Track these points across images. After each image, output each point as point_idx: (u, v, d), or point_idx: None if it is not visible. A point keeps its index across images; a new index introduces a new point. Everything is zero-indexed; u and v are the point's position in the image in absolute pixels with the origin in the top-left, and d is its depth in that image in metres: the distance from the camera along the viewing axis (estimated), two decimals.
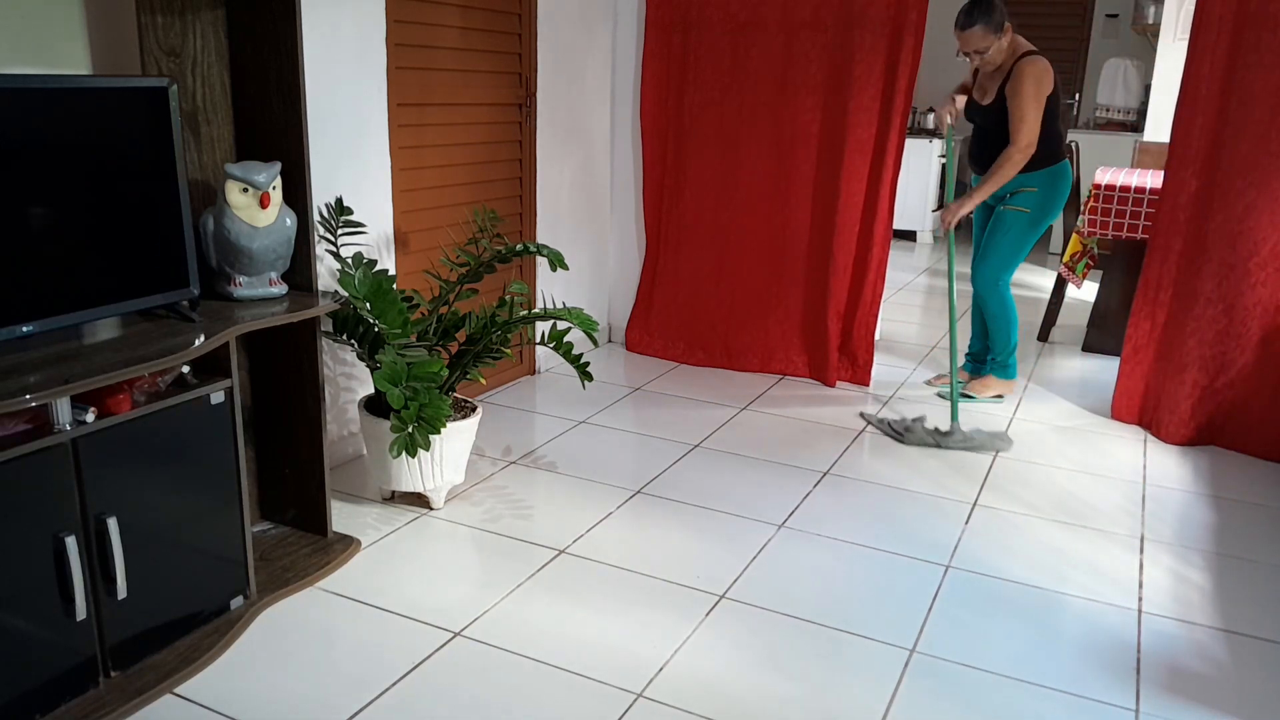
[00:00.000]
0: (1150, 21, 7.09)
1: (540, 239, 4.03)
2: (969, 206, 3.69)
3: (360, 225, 2.71)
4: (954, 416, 3.55)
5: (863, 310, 4.04)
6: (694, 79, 4.08)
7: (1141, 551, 2.78)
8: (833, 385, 4.11)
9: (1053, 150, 3.64)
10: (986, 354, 4.05)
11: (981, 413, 3.84)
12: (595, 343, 3.35)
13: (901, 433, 3.53)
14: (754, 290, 4.19)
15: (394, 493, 2.95)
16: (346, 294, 2.54)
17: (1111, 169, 5.10)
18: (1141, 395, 3.71)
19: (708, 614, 2.38)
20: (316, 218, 2.58)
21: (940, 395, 4.05)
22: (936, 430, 3.52)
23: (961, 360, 4.21)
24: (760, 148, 4.04)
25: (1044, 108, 3.53)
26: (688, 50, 4.07)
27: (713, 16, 3.99)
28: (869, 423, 3.68)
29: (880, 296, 4.05)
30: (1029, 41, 3.62)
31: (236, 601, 2.30)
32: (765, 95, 3.98)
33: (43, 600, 1.86)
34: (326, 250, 2.80)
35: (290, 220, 2.38)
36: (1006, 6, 3.55)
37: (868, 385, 4.11)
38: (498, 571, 2.55)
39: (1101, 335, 4.73)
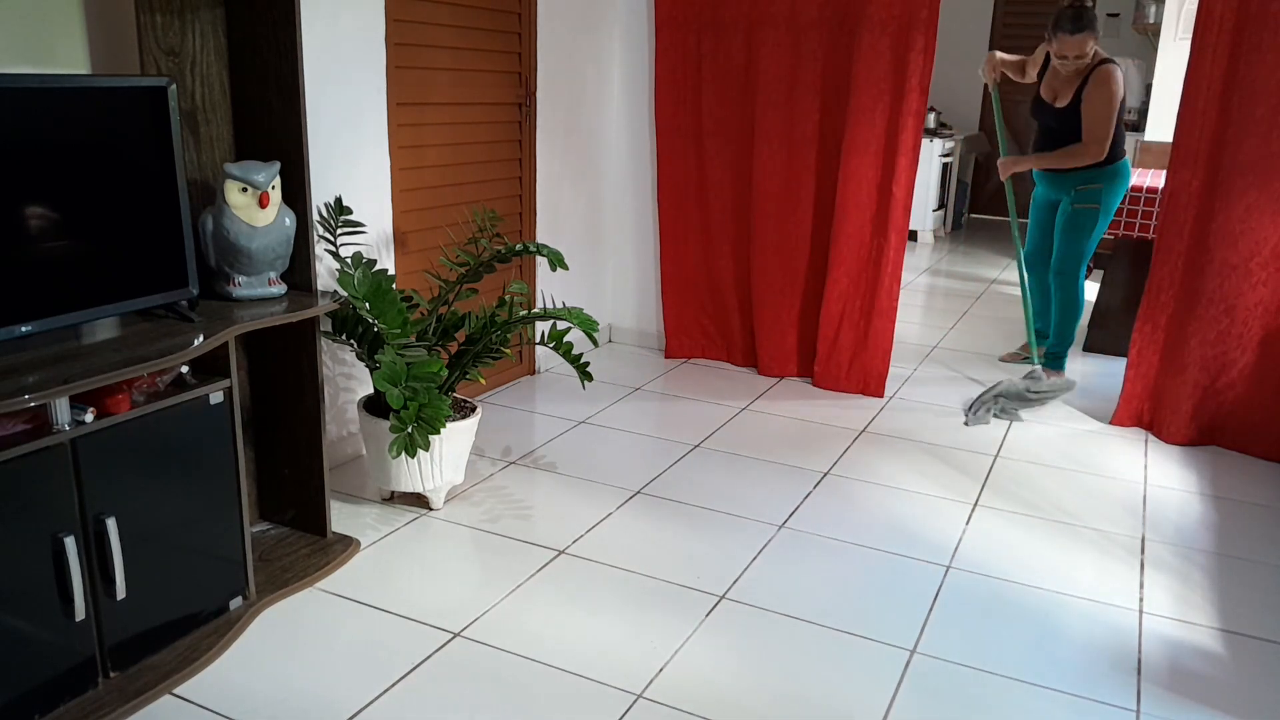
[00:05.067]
0: (1151, 21, 7.09)
1: (540, 239, 4.03)
2: (1024, 166, 4.01)
3: (359, 225, 2.71)
4: (1036, 359, 4.07)
5: (879, 318, 3.92)
6: (710, 78, 4.02)
7: (1142, 552, 2.77)
8: (843, 389, 4.06)
9: (1118, 149, 3.88)
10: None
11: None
12: (595, 343, 3.35)
13: (979, 410, 3.78)
14: (772, 291, 4.12)
15: (393, 493, 2.95)
16: (346, 294, 2.53)
17: None
18: (1143, 398, 3.70)
19: (708, 614, 2.38)
20: (316, 217, 2.57)
21: (1003, 361, 4.50)
22: (1025, 381, 3.92)
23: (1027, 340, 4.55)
24: (777, 148, 3.96)
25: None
26: (702, 51, 4.01)
27: (727, 16, 3.94)
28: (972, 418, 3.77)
29: (896, 299, 3.90)
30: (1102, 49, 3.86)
31: (235, 602, 2.29)
32: (781, 95, 3.91)
33: (42, 601, 1.85)
34: (326, 250, 2.79)
35: (289, 220, 2.38)
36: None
37: (881, 396, 3.99)
38: (497, 572, 2.55)
39: (1103, 335, 4.73)
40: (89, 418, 1.89)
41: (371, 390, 3.06)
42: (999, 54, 4.15)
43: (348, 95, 2.98)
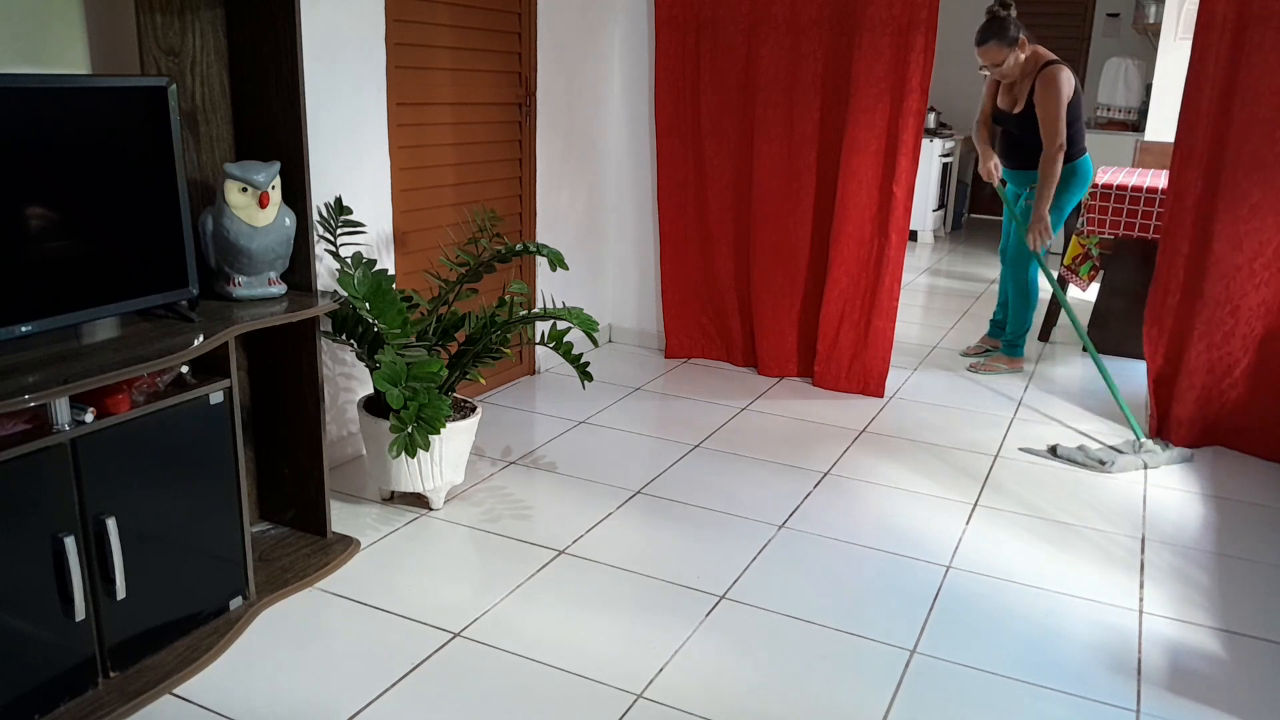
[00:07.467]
0: (1151, 21, 7.09)
1: (540, 239, 4.03)
2: (1044, 212, 3.96)
3: (359, 225, 2.71)
4: (1138, 434, 3.53)
5: (879, 318, 3.92)
6: (710, 78, 4.02)
7: (1143, 552, 2.77)
8: (843, 389, 4.06)
9: (1076, 147, 4.02)
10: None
11: (992, 388, 3.84)
12: (595, 343, 3.35)
13: (1105, 461, 3.33)
14: (772, 290, 4.11)
15: (393, 493, 2.95)
16: (346, 294, 2.53)
17: (1113, 169, 5.09)
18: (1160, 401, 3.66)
19: (708, 614, 2.38)
20: (316, 217, 2.57)
21: (970, 369, 4.44)
22: (1142, 448, 3.42)
23: (987, 330, 4.71)
24: (777, 148, 3.96)
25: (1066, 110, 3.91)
26: (701, 51, 4.00)
27: (726, 16, 3.93)
28: (1062, 456, 3.42)
29: (896, 298, 3.90)
30: (1044, 47, 4.02)
31: (235, 602, 2.29)
32: (781, 95, 3.91)
33: (42, 601, 1.85)
34: (326, 250, 2.79)
35: (289, 220, 2.38)
36: (1020, 18, 3.91)
37: (881, 396, 4.00)
38: (497, 572, 2.55)
39: (1102, 335, 4.73)
40: (89, 418, 1.89)
41: (371, 390, 3.06)
42: (981, 144, 4.28)
43: (348, 95, 2.98)
